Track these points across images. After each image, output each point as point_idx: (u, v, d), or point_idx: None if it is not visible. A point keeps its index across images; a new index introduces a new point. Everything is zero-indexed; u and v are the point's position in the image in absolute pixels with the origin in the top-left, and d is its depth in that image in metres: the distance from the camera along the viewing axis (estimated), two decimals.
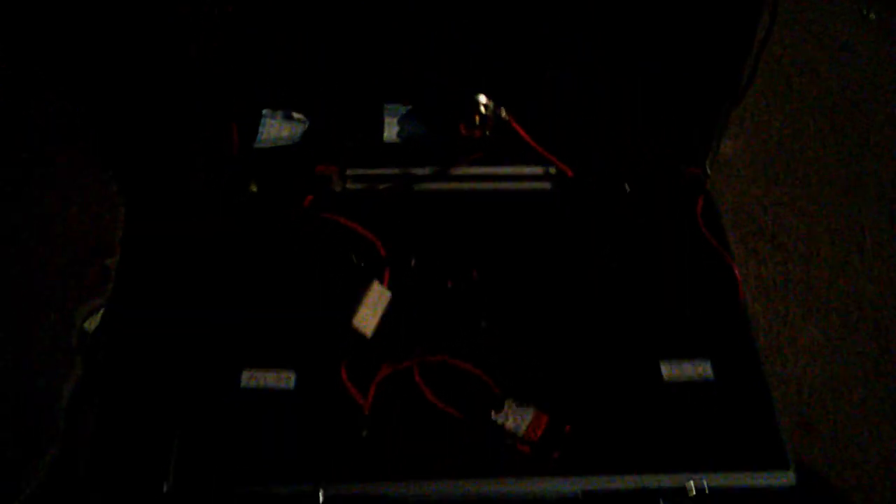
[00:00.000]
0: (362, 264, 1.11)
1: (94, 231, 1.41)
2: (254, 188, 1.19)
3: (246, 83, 1.19)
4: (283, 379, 1.01)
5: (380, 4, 1.08)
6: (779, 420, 1.01)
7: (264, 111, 1.23)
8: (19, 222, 1.37)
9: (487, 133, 1.16)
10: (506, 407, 1.01)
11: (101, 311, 1.31)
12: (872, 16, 1.80)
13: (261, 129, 1.23)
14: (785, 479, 0.97)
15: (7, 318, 1.26)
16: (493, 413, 1.00)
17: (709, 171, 1.22)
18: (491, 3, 1.08)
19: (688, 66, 1.12)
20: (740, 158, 1.55)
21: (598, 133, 1.20)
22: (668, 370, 1.03)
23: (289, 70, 1.17)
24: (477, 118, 1.15)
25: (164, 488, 0.94)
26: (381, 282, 1.08)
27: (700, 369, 1.03)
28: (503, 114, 1.16)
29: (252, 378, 1.01)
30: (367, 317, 1.04)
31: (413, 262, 1.15)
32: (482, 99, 1.15)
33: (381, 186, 1.23)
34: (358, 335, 1.04)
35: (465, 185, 1.24)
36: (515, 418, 1.00)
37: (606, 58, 1.13)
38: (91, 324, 1.30)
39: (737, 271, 1.10)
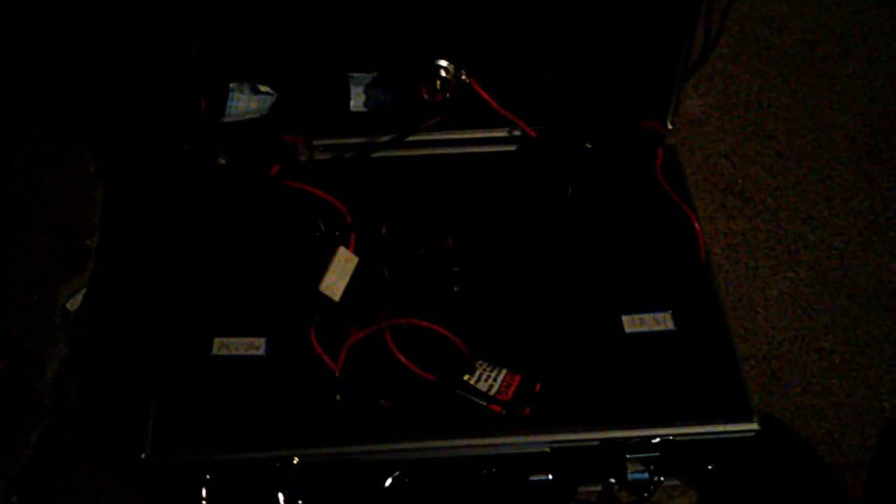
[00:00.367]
0: (326, 230, 1.12)
1: (75, 211, 1.42)
2: (222, 161, 1.21)
3: (212, 55, 1.19)
4: (254, 346, 1.03)
5: None
6: (742, 370, 1.03)
7: (231, 85, 1.23)
8: None
9: (448, 96, 1.17)
10: (478, 368, 1.03)
11: (83, 291, 1.32)
12: None
13: (229, 103, 1.24)
14: (748, 428, 0.99)
15: None
16: (466, 375, 1.02)
17: (669, 125, 1.23)
18: None
19: (643, 22, 1.13)
20: (709, 116, 1.56)
21: (559, 92, 1.21)
22: (629, 323, 1.05)
23: (254, 42, 1.18)
24: (438, 82, 1.16)
25: (142, 456, 0.97)
26: (347, 247, 1.09)
27: (661, 320, 1.05)
28: (463, 76, 1.17)
29: (223, 346, 1.03)
30: (335, 281, 1.06)
31: (384, 228, 1.17)
32: (442, 63, 1.16)
33: (348, 155, 1.25)
34: (326, 300, 1.06)
35: (432, 151, 1.26)
36: (488, 379, 1.02)
37: (565, 18, 1.14)
38: (73, 303, 1.32)
39: (696, 224, 1.11)
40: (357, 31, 1.16)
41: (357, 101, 1.24)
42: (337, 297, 1.06)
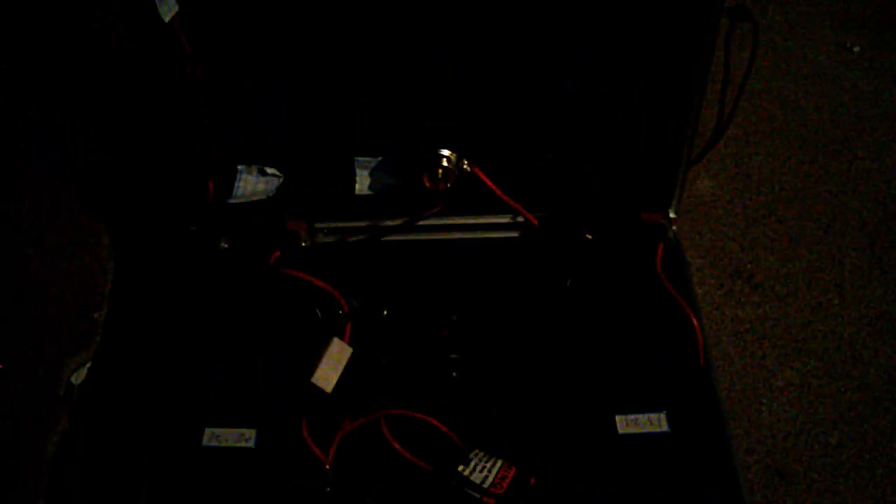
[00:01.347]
0: (324, 319, 1.13)
1: (85, 283, 1.44)
2: (224, 245, 1.23)
3: (221, 139, 1.22)
4: (244, 437, 1.04)
5: (349, 66, 1.11)
6: (739, 476, 1.01)
7: (239, 166, 1.26)
8: (8, 274, 1.40)
9: (450, 186, 1.18)
10: (473, 458, 1.02)
11: (88, 365, 1.34)
12: (856, 48, 1.80)
13: (236, 184, 1.26)
14: None
15: None
16: (460, 465, 1.02)
17: (673, 214, 1.23)
18: (456, 67, 1.10)
19: (646, 113, 1.14)
20: (720, 198, 1.56)
21: (561, 181, 1.22)
22: (623, 423, 1.04)
23: (262, 125, 1.20)
24: (440, 171, 1.17)
25: None
26: (342, 338, 1.10)
27: (656, 421, 1.04)
28: (465, 165, 1.18)
29: (213, 437, 1.04)
30: (328, 373, 1.06)
31: (384, 312, 1.18)
32: (444, 152, 1.17)
33: (351, 239, 1.26)
34: (318, 391, 1.06)
35: (435, 236, 1.27)
36: (483, 470, 1.01)
37: (569, 108, 1.15)
38: (78, 377, 1.33)
39: (696, 322, 1.10)
40: (363, 119, 1.18)
41: (362, 185, 1.26)
42: (329, 388, 1.06)
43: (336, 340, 1.08)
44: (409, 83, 1.13)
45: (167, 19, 1.06)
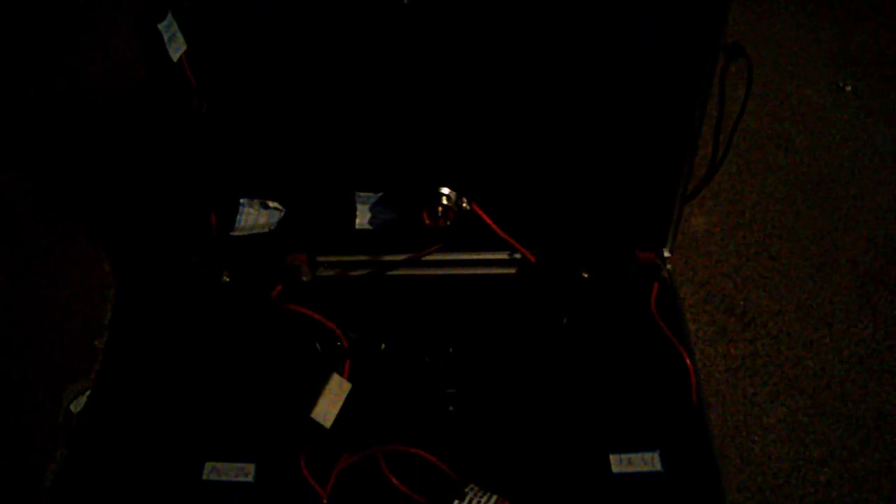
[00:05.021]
0: (324, 354, 1.14)
1: (86, 310, 1.46)
2: (226, 278, 1.24)
3: (224, 172, 1.24)
4: (244, 472, 1.05)
5: (352, 103, 1.13)
6: None
7: (242, 200, 1.28)
8: (9, 300, 1.41)
9: (449, 223, 1.20)
10: (468, 493, 1.04)
11: (88, 393, 1.35)
12: (849, 88, 1.83)
13: (238, 217, 1.28)
14: None
15: None
16: (455, 501, 1.03)
17: (668, 253, 1.25)
18: (456, 108, 1.13)
19: (640, 153, 1.16)
20: (712, 234, 1.58)
21: (558, 219, 1.24)
22: (617, 462, 1.06)
23: (264, 160, 1.22)
24: (440, 209, 1.20)
25: None
26: (342, 373, 1.11)
27: (649, 461, 1.06)
28: (465, 204, 1.20)
29: (213, 471, 1.05)
30: (327, 408, 1.08)
31: (383, 346, 1.19)
32: (444, 190, 1.19)
33: (351, 273, 1.28)
34: (317, 426, 1.07)
35: (434, 272, 1.29)
36: None
37: (565, 148, 1.17)
38: (77, 405, 1.34)
39: (689, 362, 1.12)
40: (364, 155, 1.20)
41: (362, 219, 1.28)
42: (328, 424, 1.08)
43: (335, 376, 1.10)
44: (409, 122, 1.15)
45: (176, 59, 1.09)
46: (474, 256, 1.29)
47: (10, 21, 1.47)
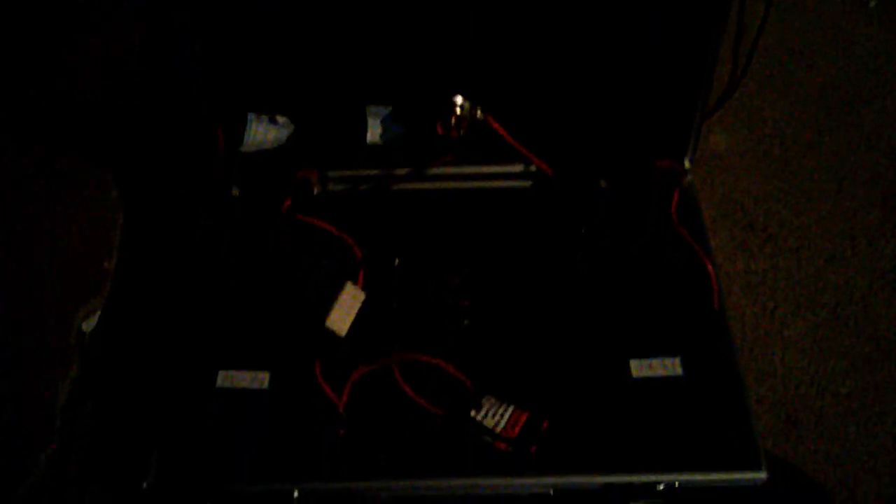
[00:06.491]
0: (336, 265, 1.12)
1: (95, 234, 1.45)
2: (235, 192, 1.22)
3: (231, 87, 1.21)
4: (258, 379, 1.04)
5: (362, 12, 1.10)
6: (752, 418, 1.01)
7: (250, 115, 1.25)
8: (19, 224, 1.40)
9: (463, 133, 1.17)
10: (485, 404, 1.03)
11: (99, 313, 1.34)
12: (873, 3, 1.77)
13: (246, 133, 1.25)
14: (756, 477, 0.97)
15: (6, 318, 1.30)
16: (472, 411, 1.02)
17: (688, 164, 1.22)
18: (471, 12, 1.09)
19: (663, 58, 1.12)
20: (734, 151, 1.55)
21: (576, 129, 1.21)
22: (637, 367, 1.04)
23: (273, 74, 1.19)
24: (453, 119, 1.16)
25: (144, 485, 0.98)
26: (356, 283, 1.09)
27: (670, 366, 1.04)
28: (479, 113, 1.17)
29: (227, 378, 1.04)
30: (341, 317, 1.06)
31: (397, 261, 1.17)
32: (458, 100, 1.16)
33: (362, 187, 1.26)
34: (332, 335, 1.06)
35: (447, 185, 1.26)
36: (494, 415, 1.01)
37: (584, 54, 1.14)
38: (88, 325, 1.33)
39: (711, 269, 1.10)
40: (375, 66, 1.17)
41: (373, 134, 1.25)
42: (343, 332, 1.06)
43: (349, 284, 1.08)
44: (422, 29, 1.12)
45: None
46: (489, 170, 1.26)
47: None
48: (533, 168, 1.24)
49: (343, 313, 1.06)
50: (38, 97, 1.48)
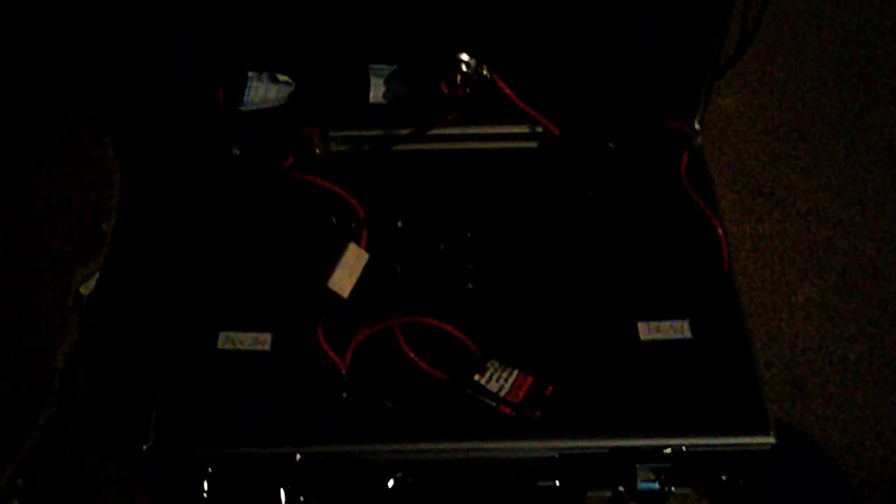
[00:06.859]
0: (339, 225, 1.10)
1: (93, 194, 1.42)
2: (236, 151, 1.20)
3: (231, 44, 1.18)
4: (259, 341, 1.02)
5: None
6: (761, 382, 0.99)
7: (250, 73, 1.22)
8: (15, 186, 1.38)
9: (469, 91, 1.14)
10: (489, 368, 1.01)
11: (97, 275, 1.32)
12: None
13: (247, 92, 1.22)
14: (764, 441, 0.96)
15: (3, 281, 1.28)
16: (476, 374, 1.00)
17: (698, 126, 1.19)
18: None
19: (673, 16, 1.10)
20: (741, 114, 1.52)
21: (584, 89, 1.18)
22: (645, 330, 1.02)
23: (274, 31, 1.16)
24: (458, 77, 1.13)
25: (144, 447, 0.96)
26: (359, 244, 1.07)
27: (679, 328, 1.02)
28: (485, 71, 1.14)
29: (228, 340, 1.02)
30: (344, 278, 1.04)
31: (399, 222, 1.15)
32: (464, 57, 1.13)
33: (365, 147, 1.23)
34: (334, 296, 1.04)
35: (451, 146, 1.24)
36: (499, 379, 1.00)
37: (592, 11, 1.11)
38: (87, 287, 1.31)
39: (720, 231, 1.08)
40: (378, 22, 1.14)
41: (376, 93, 1.22)
42: (346, 293, 1.04)
43: (352, 245, 1.06)
44: None
45: None
46: (494, 130, 1.23)
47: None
48: (539, 128, 1.22)
49: (346, 274, 1.04)
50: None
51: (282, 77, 1.21)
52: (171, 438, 0.97)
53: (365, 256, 1.07)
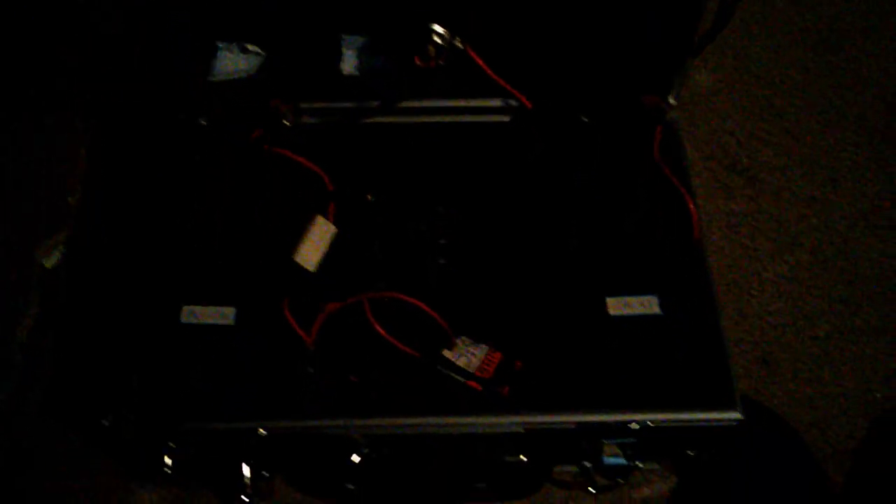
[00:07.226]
0: (306, 198, 1.08)
1: (58, 167, 1.40)
2: (203, 122, 1.17)
3: (200, 14, 1.15)
4: (223, 315, 1.01)
5: None
6: (729, 358, 0.99)
7: (219, 44, 1.20)
8: None
9: (441, 63, 1.12)
10: (458, 344, 1.00)
11: (61, 248, 1.30)
12: None
13: (215, 62, 1.20)
14: (730, 417, 0.96)
15: None
16: (445, 350, 1.00)
17: (673, 101, 1.18)
18: None
19: None
20: (718, 90, 1.51)
21: (558, 63, 1.16)
22: (614, 305, 1.02)
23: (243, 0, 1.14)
24: (431, 48, 1.12)
25: (105, 422, 0.95)
26: (326, 216, 1.06)
27: (647, 304, 1.02)
28: (458, 43, 1.12)
29: (191, 314, 1.01)
30: (310, 251, 1.03)
31: (370, 196, 1.13)
32: (437, 28, 1.11)
33: (336, 119, 1.21)
34: (301, 270, 1.03)
35: (424, 119, 1.22)
36: (468, 355, 0.99)
37: None
38: (51, 261, 1.29)
39: (692, 205, 1.07)
40: None
41: (348, 65, 1.20)
42: (313, 267, 1.03)
43: (319, 218, 1.04)
44: None
45: None
46: (467, 103, 1.22)
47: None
48: (513, 102, 1.20)
49: (312, 248, 1.03)
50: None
51: (251, 47, 1.19)
52: (133, 413, 0.95)
53: (332, 230, 1.05)
